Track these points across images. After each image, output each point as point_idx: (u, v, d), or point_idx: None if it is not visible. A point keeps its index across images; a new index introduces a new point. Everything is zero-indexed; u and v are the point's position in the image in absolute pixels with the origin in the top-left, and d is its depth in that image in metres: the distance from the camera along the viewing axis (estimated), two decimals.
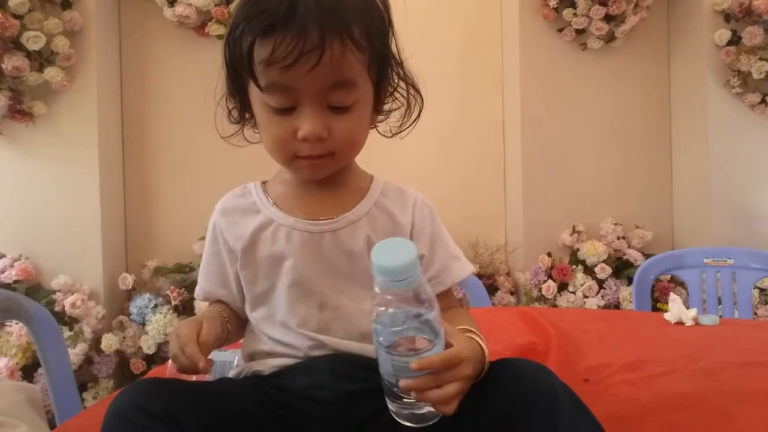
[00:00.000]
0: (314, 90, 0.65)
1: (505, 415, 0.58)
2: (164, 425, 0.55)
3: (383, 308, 0.56)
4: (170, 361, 0.96)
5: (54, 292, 2.19)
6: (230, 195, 0.80)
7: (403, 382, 0.56)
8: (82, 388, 2.19)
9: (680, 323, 1.23)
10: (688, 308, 1.26)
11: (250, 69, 0.65)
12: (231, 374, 0.77)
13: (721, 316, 1.72)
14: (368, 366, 0.68)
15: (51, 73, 2.15)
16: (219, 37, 2.39)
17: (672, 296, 1.26)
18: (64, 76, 2.18)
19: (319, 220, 0.73)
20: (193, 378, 0.91)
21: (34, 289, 2.21)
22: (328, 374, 0.67)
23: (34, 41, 2.09)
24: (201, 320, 0.68)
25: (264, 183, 0.80)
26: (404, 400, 0.58)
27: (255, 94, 0.68)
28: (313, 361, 0.70)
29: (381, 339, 0.56)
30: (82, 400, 2.13)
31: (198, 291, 0.82)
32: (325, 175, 0.74)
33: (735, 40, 2.36)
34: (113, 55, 2.45)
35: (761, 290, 2.26)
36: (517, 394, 0.58)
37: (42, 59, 2.16)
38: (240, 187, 0.81)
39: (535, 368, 0.62)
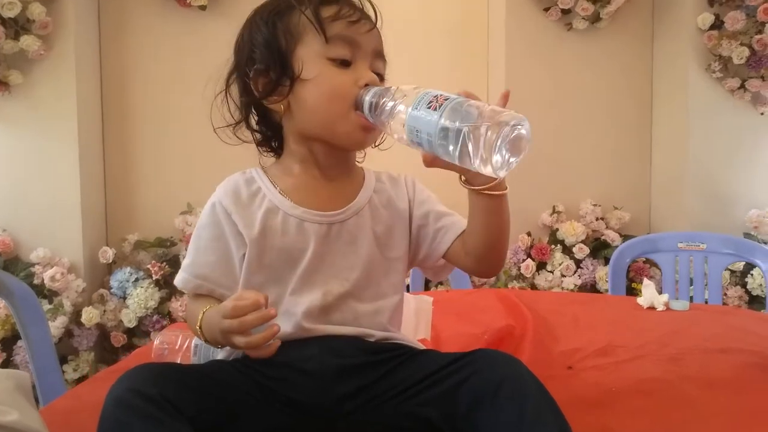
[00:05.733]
0: (369, 49, 0.76)
1: (476, 401, 0.61)
2: (161, 409, 0.57)
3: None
4: (155, 342, 0.98)
5: (33, 265, 2.17)
6: (233, 179, 0.80)
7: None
8: (63, 360, 2.19)
9: (652, 308, 1.28)
10: (661, 290, 1.30)
11: (318, 22, 0.73)
12: (219, 356, 0.78)
13: (692, 298, 1.79)
14: (360, 345, 0.72)
15: (27, 42, 2.09)
16: (201, 8, 2.34)
17: (645, 282, 1.30)
18: (41, 44, 2.13)
19: (327, 211, 0.76)
20: (178, 360, 0.93)
21: (12, 261, 2.19)
22: (318, 347, 0.70)
23: (8, 8, 2.02)
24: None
25: (263, 169, 0.81)
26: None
27: (311, 52, 0.74)
28: (307, 337, 0.72)
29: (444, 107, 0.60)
30: (63, 372, 2.14)
31: (187, 278, 0.76)
32: (361, 148, 0.79)
33: (717, 24, 2.38)
34: (92, 23, 2.39)
35: (732, 272, 2.33)
36: (487, 381, 0.61)
37: (17, 27, 2.10)
38: (239, 172, 0.81)
39: (506, 359, 0.65)
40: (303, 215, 0.75)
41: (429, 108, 0.61)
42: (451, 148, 0.59)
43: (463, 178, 0.71)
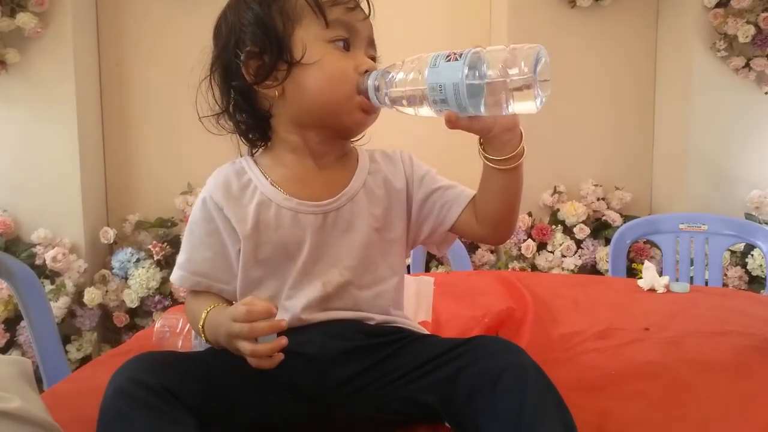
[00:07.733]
0: (365, 36, 0.75)
1: (474, 391, 0.61)
2: (162, 399, 0.57)
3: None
4: (156, 326, 0.98)
5: (34, 245, 2.18)
6: (223, 171, 0.78)
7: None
8: (66, 340, 2.20)
9: (653, 290, 1.28)
10: (661, 271, 1.30)
11: (317, 6, 0.71)
12: None
13: (692, 278, 1.79)
14: (361, 328, 0.72)
15: (23, 19, 2.06)
16: None
17: (646, 264, 1.30)
18: (38, 22, 2.10)
19: (321, 201, 0.74)
20: (179, 343, 0.94)
21: (13, 242, 2.19)
22: (318, 332, 0.71)
23: None
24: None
25: (254, 159, 0.79)
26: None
27: (311, 36, 0.72)
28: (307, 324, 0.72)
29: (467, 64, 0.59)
30: (66, 351, 2.15)
31: (184, 276, 0.75)
32: (361, 129, 0.78)
33: (723, 1, 2.34)
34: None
35: (732, 252, 2.33)
36: (486, 371, 0.61)
37: (13, 4, 2.07)
38: (229, 163, 0.79)
39: (507, 347, 0.65)
40: (297, 207, 0.74)
41: (449, 61, 0.60)
42: (480, 93, 0.59)
43: (481, 146, 0.70)
